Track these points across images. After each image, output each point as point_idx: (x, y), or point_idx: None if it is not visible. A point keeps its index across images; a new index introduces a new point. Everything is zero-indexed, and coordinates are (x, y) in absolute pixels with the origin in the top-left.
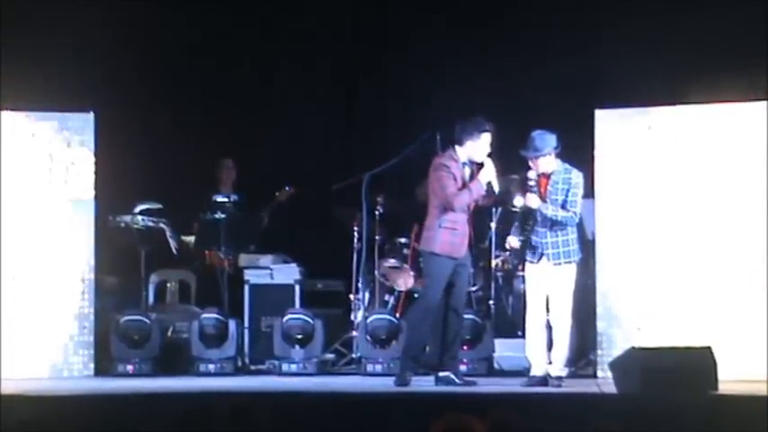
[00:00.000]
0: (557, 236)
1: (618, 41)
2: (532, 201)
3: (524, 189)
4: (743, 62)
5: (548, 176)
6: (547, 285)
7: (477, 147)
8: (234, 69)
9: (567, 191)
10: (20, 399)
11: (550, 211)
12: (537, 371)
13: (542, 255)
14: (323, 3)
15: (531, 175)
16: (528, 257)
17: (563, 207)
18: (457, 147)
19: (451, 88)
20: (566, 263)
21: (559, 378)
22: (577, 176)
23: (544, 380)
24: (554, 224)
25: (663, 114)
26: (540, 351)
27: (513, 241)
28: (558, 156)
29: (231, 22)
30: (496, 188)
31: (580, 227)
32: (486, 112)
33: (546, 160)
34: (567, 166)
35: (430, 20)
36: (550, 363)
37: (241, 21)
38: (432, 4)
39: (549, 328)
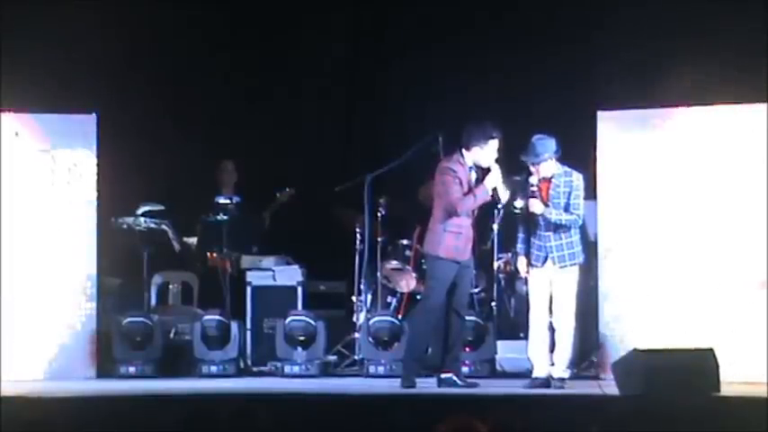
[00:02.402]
0: (561, 239)
1: (619, 43)
2: (536, 206)
3: (527, 195)
4: (744, 64)
5: (548, 180)
6: (550, 288)
7: (485, 153)
8: (236, 71)
9: (569, 193)
10: (22, 400)
11: (554, 215)
12: (539, 372)
13: (546, 258)
14: (324, 4)
15: (533, 180)
16: (532, 261)
17: (566, 210)
18: (464, 150)
19: (454, 90)
20: (570, 265)
21: (562, 380)
22: (578, 179)
23: (546, 382)
24: (558, 227)
25: (665, 116)
26: (543, 353)
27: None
28: (558, 159)
29: (233, 24)
30: (502, 194)
31: (582, 229)
32: (488, 114)
33: (546, 165)
34: (566, 168)
35: (432, 22)
36: (553, 364)
37: (243, 23)
38: (433, 7)
39: (552, 330)
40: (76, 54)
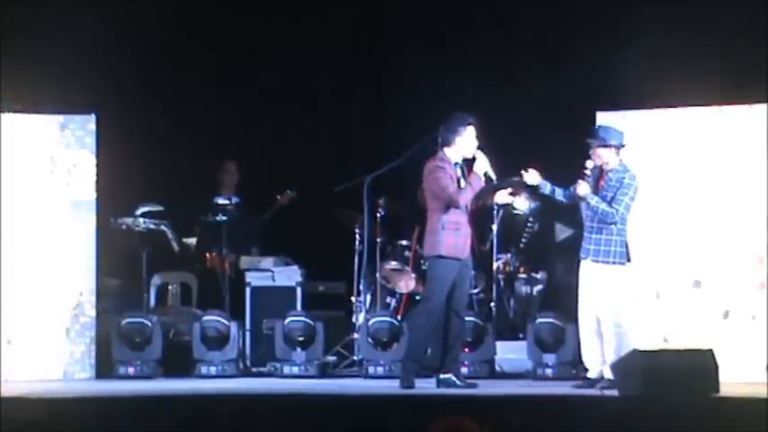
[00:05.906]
0: (601, 234)
1: (619, 43)
2: (582, 188)
3: (578, 177)
4: (744, 64)
5: (606, 173)
6: (595, 283)
7: (465, 142)
8: (236, 71)
9: (618, 189)
10: (21, 401)
11: (594, 201)
12: (591, 373)
13: (589, 252)
14: (324, 6)
15: (589, 164)
16: (580, 254)
17: (608, 202)
18: (446, 149)
19: (453, 91)
20: (603, 262)
21: (610, 380)
22: (631, 178)
23: (592, 383)
24: (600, 223)
25: (665, 116)
26: (587, 349)
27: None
28: (620, 155)
29: (233, 24)
30: (493, 176)
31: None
32: (489, 114)
33: (607, 152)
34: (625, 166)
35: (432, 22)
36: (605, 363)
37: (243, 23)
38: (434, 7)
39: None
40: (76, 54)
